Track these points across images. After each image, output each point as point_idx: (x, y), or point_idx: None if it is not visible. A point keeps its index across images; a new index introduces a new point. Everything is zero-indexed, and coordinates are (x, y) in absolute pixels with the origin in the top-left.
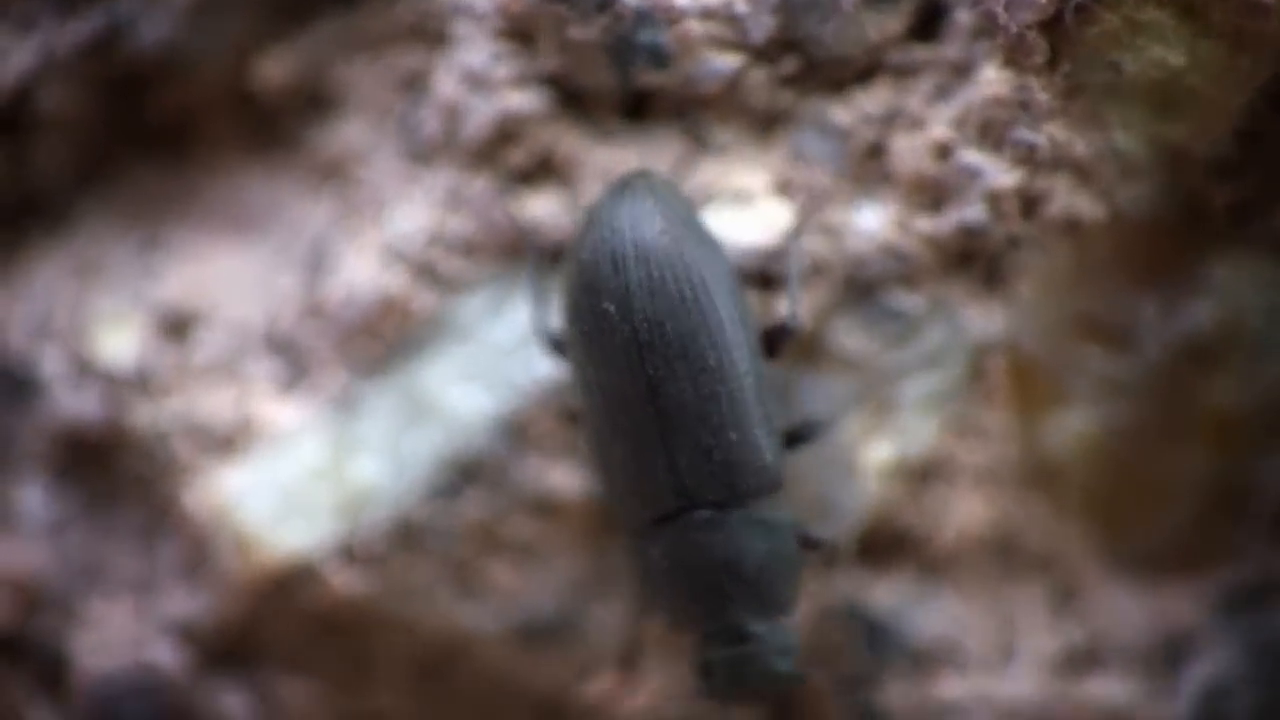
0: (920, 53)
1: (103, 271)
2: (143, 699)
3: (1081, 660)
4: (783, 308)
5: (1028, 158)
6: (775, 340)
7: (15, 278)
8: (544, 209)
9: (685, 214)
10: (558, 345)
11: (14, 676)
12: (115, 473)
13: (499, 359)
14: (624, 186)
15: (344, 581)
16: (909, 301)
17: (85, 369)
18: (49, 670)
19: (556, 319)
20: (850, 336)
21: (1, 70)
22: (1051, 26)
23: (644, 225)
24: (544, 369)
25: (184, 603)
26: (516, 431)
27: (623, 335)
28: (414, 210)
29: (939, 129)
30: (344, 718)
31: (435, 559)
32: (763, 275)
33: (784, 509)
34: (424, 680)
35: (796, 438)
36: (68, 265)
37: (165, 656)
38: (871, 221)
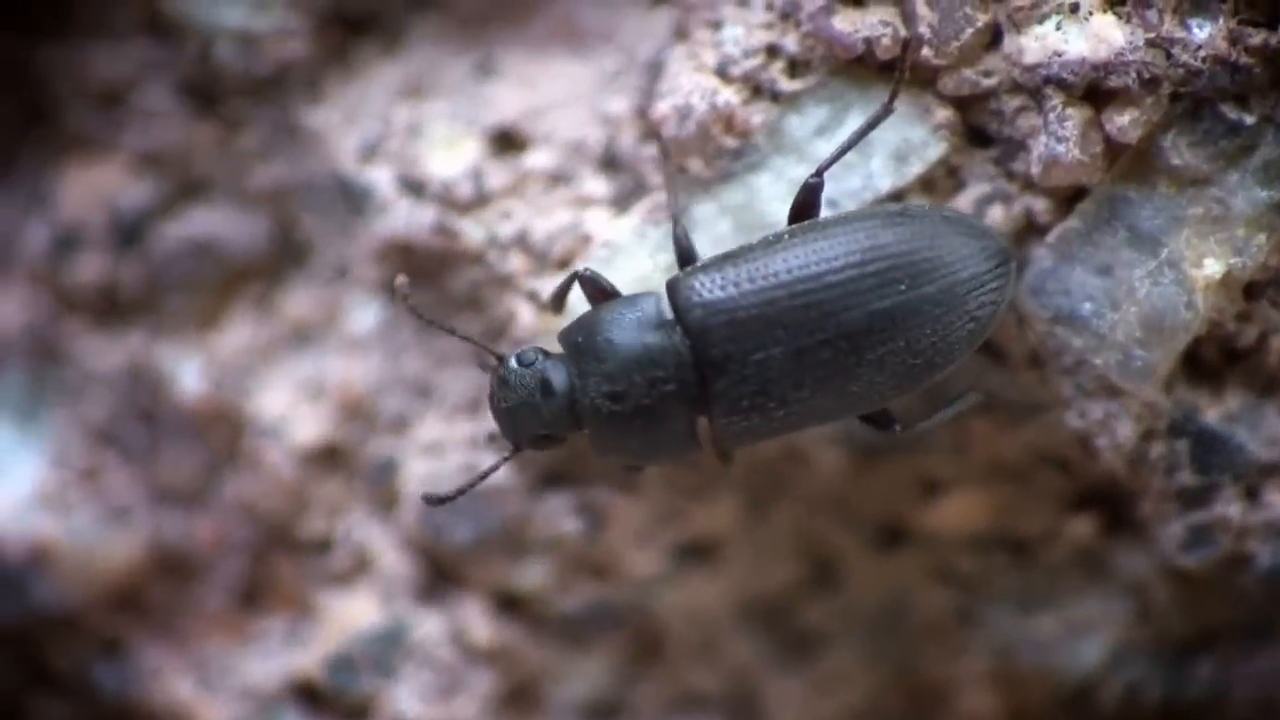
0: None
1: (436, 91)
2: (472, 516)
3: None
4: None
5: None
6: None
7: (349, 96)
8: (871, 21)
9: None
10: (810, 204)
11: (343, 490)
12: (447, 289)
13: (832, 174)
14: (1004, 260)
15: None
16: (1241, 117)
17: (419, 187)
18: (378, 485)
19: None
20: (1180, 152)
21: None
22: None
23: (978, 305)
24: (882, 184)
25: None
26: None
27: (862, 302)
28: (747, 26)
29: None
30: (671, 542)
31: None
32: (1089, 88)
33: None
34: (755, 499)
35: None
36: (401, 84)
37: (496, 474)
38: (1203, 35)
